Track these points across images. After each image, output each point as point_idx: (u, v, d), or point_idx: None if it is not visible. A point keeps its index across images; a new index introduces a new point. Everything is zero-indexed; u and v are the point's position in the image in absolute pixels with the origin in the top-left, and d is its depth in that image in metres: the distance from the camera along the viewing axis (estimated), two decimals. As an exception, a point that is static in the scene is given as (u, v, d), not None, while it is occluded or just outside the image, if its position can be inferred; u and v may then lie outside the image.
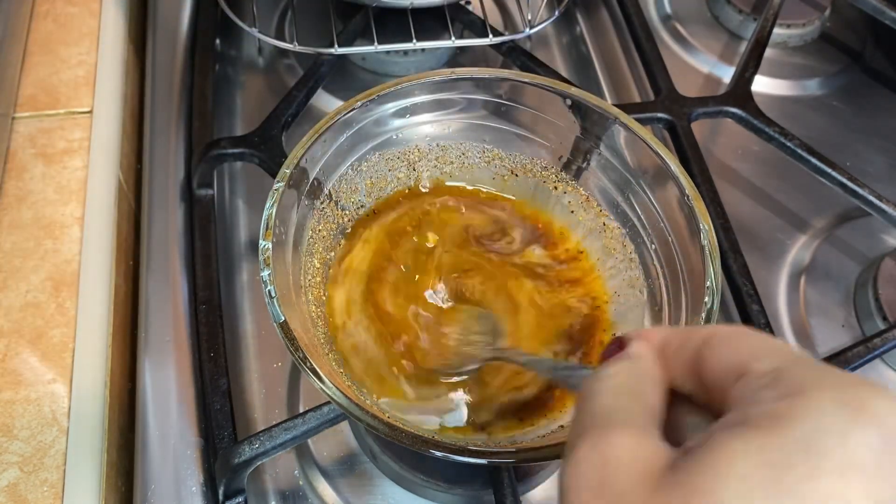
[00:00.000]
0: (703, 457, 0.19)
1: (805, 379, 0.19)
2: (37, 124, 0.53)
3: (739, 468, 0.18)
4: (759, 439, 0.18)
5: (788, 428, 0.18)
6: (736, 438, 0.19)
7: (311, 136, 0.39)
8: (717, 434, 0.19)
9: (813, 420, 0.18)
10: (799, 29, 0.69)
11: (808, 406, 0.18)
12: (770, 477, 0.17)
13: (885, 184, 0.59)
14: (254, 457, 0.40)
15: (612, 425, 0.21)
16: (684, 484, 0.18)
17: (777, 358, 0.20)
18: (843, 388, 0.19)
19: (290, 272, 0.37)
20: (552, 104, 0.42)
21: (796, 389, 0.19)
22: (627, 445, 0.20)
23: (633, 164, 0.41)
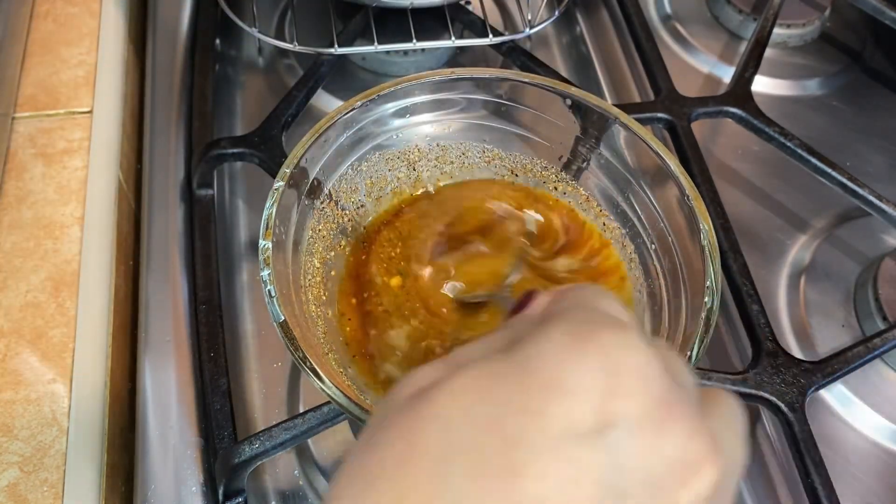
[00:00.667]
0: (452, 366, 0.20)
1: (557, 312, 0.21)
2: (37, 124, 0.53)
3: (461, 381, 0.19)
4: (494, 356, 0.20)
5: (515, 350, 0.19)
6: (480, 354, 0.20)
7: (311, 136, 0.39)
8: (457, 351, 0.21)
9: (537, 344, 0.19)
10: (799, 29, 0.69)
11: (540, 332, 0.19)
12: (483, 387, 0.19)
13: (885, 184, 0.59)
14: (254, 457, 0.40)
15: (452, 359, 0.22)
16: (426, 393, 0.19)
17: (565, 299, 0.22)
18: (583, 322, 0.20)
19: (290, 272, 0.37)
20: (552, 104, 0.42)
21: (543, 320, 0.20)
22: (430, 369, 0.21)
23: (633, 164, 0.41)
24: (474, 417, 0.18)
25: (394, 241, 0.43)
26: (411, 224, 0.43)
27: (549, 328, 0.20)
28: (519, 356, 0.19)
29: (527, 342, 0.19)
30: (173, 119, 0.57)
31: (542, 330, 0.20)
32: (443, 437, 0.18)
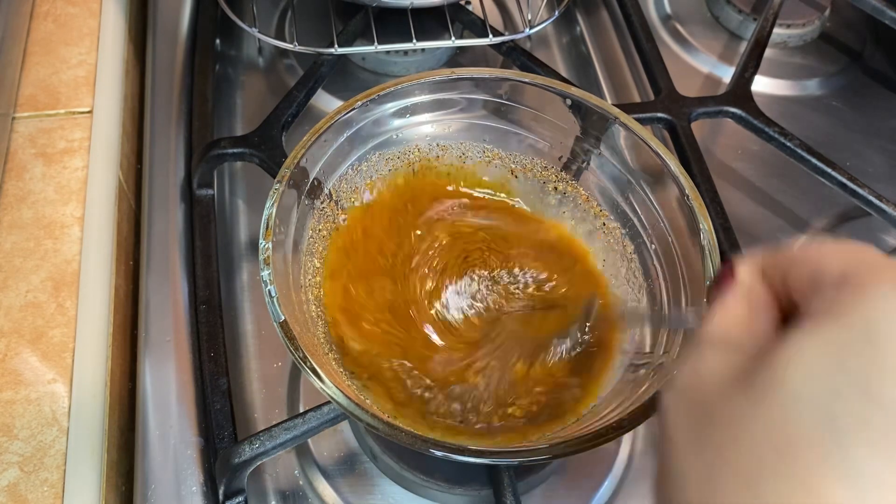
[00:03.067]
0: (773, 354, 0.20)
1: (867, 272, 0.20)
2: (37, 124, 0.53)
3: (805, 358, 0.19)
4: (820, 330, 0.19)
5: (849, 317, 0.19)
6: (801, 333, 0.20)
7: (311, 136, 0.39)
8: (786, 334, 0.20)
9: (870, 306, 0.19)
10: (799, 29, 0.69)
11: (867, 294, 0.19)
12: (835, 363, 0.18)
13: (885, 184, 0.59)
14: (254, 457, 0.40)
15: (713, 345, 0.22)
16: (758, 379, 0.19)
17: (845, 260, 0.21)
18: (893, 269, 0.19)
19: (291, 272, 0.37)
20: (552, 104, 0.42)
21: (858, 283, 0.20)
22: (720, 359, 0.22)
23: (633, 164, 0.41)
24: (833, 390, 0.18)
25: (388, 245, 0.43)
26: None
27: (870, 288, 0.19)
28: (856, 322, 0.19)
29: (857, 306, 0.19)
30: (173, 119, 0.57)
31: (859, 294, 0.19)
32: (815, 413, 0.18)
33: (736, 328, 0.23)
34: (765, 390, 0.19)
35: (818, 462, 0.18)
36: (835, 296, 0.20)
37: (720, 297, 0.24)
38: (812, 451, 0.18)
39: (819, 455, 0.18)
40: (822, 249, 0.22)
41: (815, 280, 0.21)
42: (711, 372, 0.22)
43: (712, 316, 0.24)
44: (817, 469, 0.18)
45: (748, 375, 0.20)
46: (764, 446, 0.18)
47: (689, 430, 0.21)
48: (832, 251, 0.22)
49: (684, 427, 0.21)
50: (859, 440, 0.17)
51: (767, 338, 0.22)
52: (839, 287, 0.20)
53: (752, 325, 0.23)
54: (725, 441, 0.19)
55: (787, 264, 0.23)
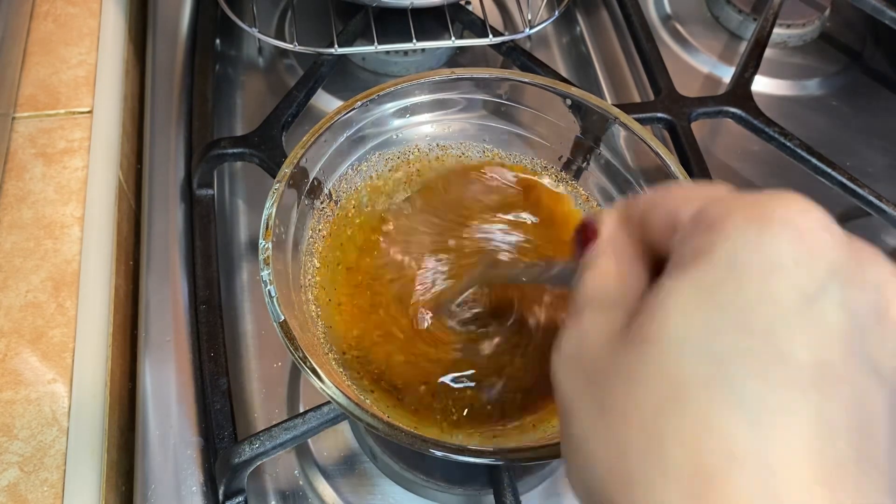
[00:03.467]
0: (646, 307, 0.20)
1: (720, 211, 0.21)
2: (37, 124, 0.53)
3: (677, 304, 0.19)
4: (688, 275, 0.20)
5: (710, 256, 0.20)
6: (669, 280, 0.20)
7: (310, 136, 0.39)
8: (656, 284, 0.21)
9: (728, 242, 0.19)
10: (799, 29, 0.69)
11: (723, 232, 0.20)
12: (705, 301, 0.19)
13: (885, 184, 0.59)
14: (254, 457, 0.40)
15: (590, 307, 0.23)
16: (637, 335, 0.20)
17: (698, 202, 0.22)
18: (751, 207, 0.20)
19: (290, 272, 0.37)
20: (552, 104, 0.42)
21: (712, 221, 0.20)
22: (600, 319, 0.22)
23: (633, 164, 0.41)
24: (711, 329, 0.19)
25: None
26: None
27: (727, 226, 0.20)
28: (718, 260, 0.19)
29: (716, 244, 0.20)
30: (173, 119, 0.57)
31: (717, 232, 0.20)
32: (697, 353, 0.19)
33: (608, 285, 0.23)
34: (646, 341, 0.20)
35: (711, 399, 0.18)
36: (694, 238, 0.20)
37: (585, 255, 0.25)
38: (703, 390, 0.18)
39: (710, 392, 0.18)
40: (673, 194, 0.23)
41: (672, 225, 0.22)
42: (593, 334, 0.22)
43: (582, 277, 0.24)
44: (711, 405, 0.18)
45: (629, 330, 0.20)
46: (658, 395, 0.19)
47: (585, 397, 0.21)
48: (682, 195, 0.23)
49: (579, 395, 0.21)
50: (743, 370, 0.18)
51: (640, 289, 0.22)
52: (695, 229, 0.21)
53: (622, 279, 0.23)
54: (620, 399, 0.20)
55: (643, 212, 0.24)
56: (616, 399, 0.20)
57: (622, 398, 0.20)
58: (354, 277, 0.41)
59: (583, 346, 0.22)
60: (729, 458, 0.17)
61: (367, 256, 0.42)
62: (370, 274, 0.41)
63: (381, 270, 0.41)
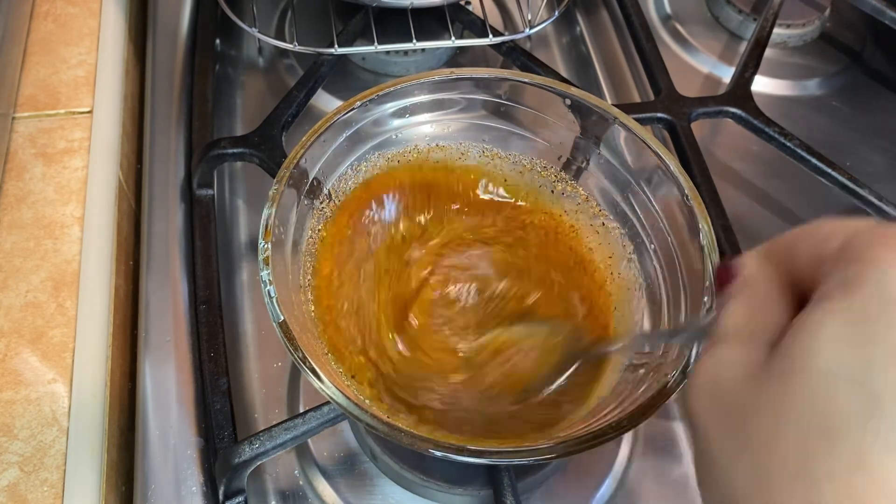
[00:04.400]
0: (793, 336, 0.20)
1: (867, 241, 0.20)
2: (37, 124, 0.53)
3: (826, 335, 0.19)
4: (837, 306, 0.19)
5: (859, 288, 0.19)
6: (817, 312, 0.19)
7: (310, 136, 0.39)
8: (801, 317, 0.20)
9: (878, 273, 0.19)
10: (799, 29, 0.69)
11: (871, 262, 0.19)
12: (859, 334, 0.18)
13: (885, 184, 0.58)
14: (254, 457, 0.40)
15: (729, 338, 0.22)
16: (784, 367, 0.19)
17: (843, 235, 0.21)
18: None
19: (290, 272, 0.37)
20: (552, 104, 0.42)
21: (861, 253, 0.20)
22: (737, 352, 0.22)
23: (632, 165, 0.41)
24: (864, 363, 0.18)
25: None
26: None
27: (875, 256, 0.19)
28: (869, 291, 0.19)
29: (867, 276, 0.19)
30: (173, 119, 0.57)
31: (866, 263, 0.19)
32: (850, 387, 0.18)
33: (747, 320, 0.23)
34: (794, 374, 0.19)
35: (864, 435, 0.18)
36: (841, 270, 0.20)
37: (724, 294, 0.24)
38: (856, 426, 0.18)
39: (864, 428, 0.18)
40: (818, 229, 0.23)
41: (817, 258, 0.22)
42: (733, 363, 0.21)
43: (720, 315, 0.23)
44: (865, 442, 0.18)
45: (772, 362, 0.20)
46: (806, 430, 0.18)
47: (724, 432, 0.21)
48: (828, 228, 0.22)
49: (717, 429, 0.21)
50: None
51: (782, 324, 0.22)
52: (843, 262, 0.20)
53: (763, 314, 0.23)
54: (763, 432, 0.19)
55: (788, 248, 0.23)
56: (759, 432, 0.19)
57: (767, 431, 0.19)
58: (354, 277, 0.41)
59: (721, 377, 0.21)
60: (886, 497, 0.17)
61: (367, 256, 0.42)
62: (370, 274, 0.41)
63: (382, 270, 0.41)
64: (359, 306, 0.40)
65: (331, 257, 0.41)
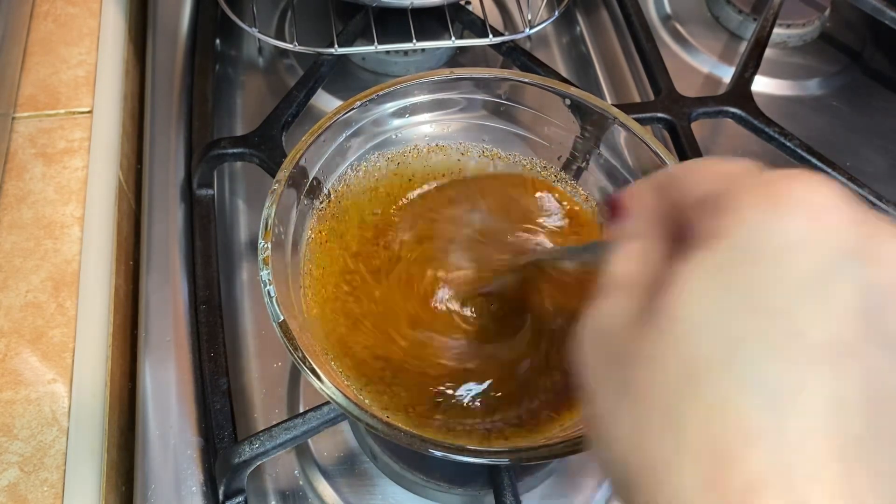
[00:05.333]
0: (666, 285, 0.20)
1: (733, 190, 0.21)
2: (37, 124, 0.53)
3: (693, 286, 0.20)
4: (703, 256, 0.20)
5: (724, 237, 0.20)
6: (687, 262, 0.20)
7: (310, 136, 0.39)
8: (675, 264, 0.21)
9: (743, 224, 0.20)
10: (799, 29, 0.69)
11: (737, 213, 0.20)
12: (720, 283, 0.19)
13: (885, 184, 0.59)
14: (254, 457, 0.40)
15: (614, 286, 0.23)
16: (655, 317, 0.20)
17: (717, 181, 0.22)
18: (765, 186, 0.20)
19: (290, 272, 0.37)
20: (552, 104, 0.42)
21: (726, 203, 0.20)
22: (622, 299, 0.22)
23: (632, 165, 0.41)
24: (725, 311, 0.19)
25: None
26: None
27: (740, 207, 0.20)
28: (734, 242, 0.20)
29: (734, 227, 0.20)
30: (173, 119, 0.57)
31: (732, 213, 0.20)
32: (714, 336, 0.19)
33: (631, 265, 0.23)
34: (664, 324, 0.20)
35: (727, 381, 0.18)
36: (710, 218, 0.21)
37: (612, 229, 0.25)
38: (719, 373, 0.18)
39: (726, 375, 0.18)
40: (693, 170, 0.23)
41: (691, 202, 0.22)
42: (615, 313, 0.22)
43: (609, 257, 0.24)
44: (728, 388, 0.18)
45: (648, 312, 0.21)
46: (674, 377, 0.19)
47: (607, 377, 0.21)
48: (702, 169, 0.23)
49: (601, 375, 0.22)
50: (757, 350, 0.18)
51: (663, 268, 0.22)
52: (712, 209, 0.21)
53: (646, 258, 0.23)
54: (639, 380, 0.20)
55: (667, 186, 0.24)
56: (636, 380, 0.20)
57: (641, 379, 0.20)
58: (353, 277, 0.41)
59: (605, 326, 0.22)
60: (744, 437, 0.18)
61: (366, 256, 0.42)
62: (369, 274, 0.41)
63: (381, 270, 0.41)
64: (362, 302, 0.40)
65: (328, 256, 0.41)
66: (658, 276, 0.22)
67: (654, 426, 0.19)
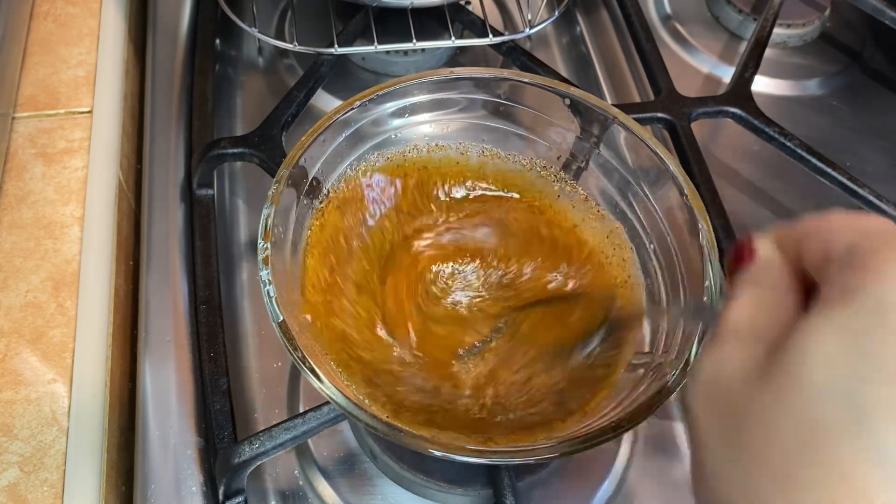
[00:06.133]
0: (791, 343, 0.20)
1: (873, 248, 0.20)
2: (37, 124, 0.53)
3: (821, 346, 0.19)
4: (835, 315, 0.19)
5: (859, 297, 0.19)
6: (816, 318, 0.19)
7: (309, 136, 0.39)
8: (801, 320, 0.20)
9: (879, 285, 0.19)
10: (799, 29, 0.69)
11: (874, 273, 0.19)
12: (851, 346, 0.18)
13: (885, 184, 0.58)
14: (254, 457, 0.40)
15: (733, 336, 0.22)
16: (776, 373, 0.19)
17: (851, 235, 0.21)
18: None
19: (290, 272, 0.37)
20: (552, 104, 0.42)
21: (865, 261, 0.19)
22: (738, 352, 0.21)
23: (632, 165, 0.41)
24: (854, 376, 0.18)
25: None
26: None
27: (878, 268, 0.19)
28: (867, 304, 0.19)
29: (867, 287, 0.19)
30: (173, 119, 0.57)
31: (868, 272, 0.19)
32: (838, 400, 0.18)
33: (753, 315, 0.22)
34: (785, 382, 0.19)
35: (848, 449, 0.18)
36: (844, 277, 0.20)
37: (738, 277, 0.24)
38: (841, 439, 0.18)
39: (848, 441, 0.18)
40: (830, 223, 0.22)
41: (826, 257, 0.21)
42: (733, 366, 0.21)
43: (730, 303, 0.23)
44: (848, 455, 0.18)
45: (769, 367, 0.20)
46: (793, 440, 0.18)
47: (718, 430, 0.21)
48: (839, 224, 0.22)
49: (713, 427, 0.21)
50: (885, 421, 0.18)
51: (787, 323, 0.21)
52: (848, 266, 0.20)
53: (769, 312, 0.22)
54: (754, 439, 0.19)
55: (799, 239, 0.23)
56: (750, 438, 0.19)
57: (756, 438, 0.19)
58: (353, 277, 0.41)
59: (720, 376, 0.21)
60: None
61: (366, 256, 0.42)
62: (368, 273, 0.41)
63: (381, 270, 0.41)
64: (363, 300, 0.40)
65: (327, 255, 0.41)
66: (782, 329, 0.21)
67: (768, 488, 0.19)
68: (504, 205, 0.44)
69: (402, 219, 0.43)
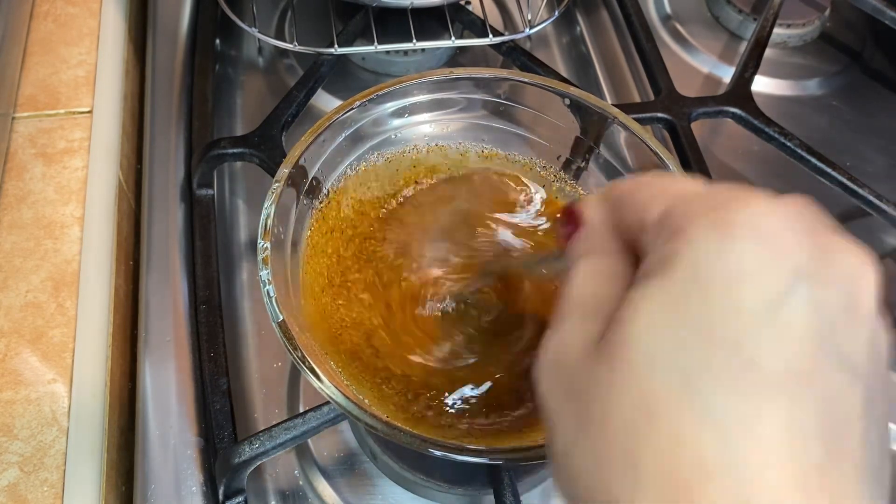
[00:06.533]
0: (619, 315, 0.20)
1: (683, 215, 0.20)
2: (37, 124, 0.53)
3: (644, 319, 0.19)
4: (655, 286, 0.20)
5: (675, 266, 0.19)
6: (637, 291, 0.20)
7: (309, 136, 0.39)
8: (627, 293, 0.20)
9: (692, 252, 0.19)
10: (799, 29, 0.69)
11: (685, 240, 0.19)
12: (671, 315, 0.19)
13: (885, 184, 0.58)
14: (254, 457, 0.40)
15: (571, 313, 0.23)
16: (608, 349, 0.20)
17: (664, 202, 0.21)
18: (714, 210, 0.20)
19: (289, 271, 0.37)
20: (552, 104, 0.42)
21: (677, 228, 0.20)
22: (579, 328, 0.22)
23: (632, 165, 0.41)
24: (677, 344, 0.19)
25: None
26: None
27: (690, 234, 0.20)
28: (681, 271, 0.19)
29: (680, 254, 0.19)
30: (173, 119, 0.57)
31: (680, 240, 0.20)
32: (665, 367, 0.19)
33: (587, 291, 0.23)
34: (618, 355, 0.20)
35: (680, 413, 0.18)
36: (659, 245, 0.20)
37: (569, 247, 0.24)
38: (672, 406, 0.18)
39: (678, 408, 0.18)
40: (642, 190, 0.23)
41: (641, 226, 0.22)
42: (572, 343, 0.22)
43: (569, 278, 0.24)
44: (680, 420, 0.18)
45: (602, 343, 0.20)
46: (631, 411, 0.19)
47: (565, 409, 0.21)
48: (648, 191, 0.22)
49: (560, 407, 0.21)
50: (710, 383, 0.18)
51: (619, 294, 0.22)
52: (660, 234, 0.20)
53: (609, 277, 0.23)
54: (597, 415, 0.20)
55: (617, 206, 0.23)
56: (593, 414, 0.20)
57: (598, 414, 0.20)
58: (352, 276, 0.41)
59: (562, 356, 0.22)
60: (701, 471, 0.18)
61: (365, 256, 0.42)
62: (368, 273, 0.41)
63: (380, 269, 0.41)
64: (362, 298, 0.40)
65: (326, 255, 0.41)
66: (614, 301, 0.22)
67: (614, 462, 0.19)
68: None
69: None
